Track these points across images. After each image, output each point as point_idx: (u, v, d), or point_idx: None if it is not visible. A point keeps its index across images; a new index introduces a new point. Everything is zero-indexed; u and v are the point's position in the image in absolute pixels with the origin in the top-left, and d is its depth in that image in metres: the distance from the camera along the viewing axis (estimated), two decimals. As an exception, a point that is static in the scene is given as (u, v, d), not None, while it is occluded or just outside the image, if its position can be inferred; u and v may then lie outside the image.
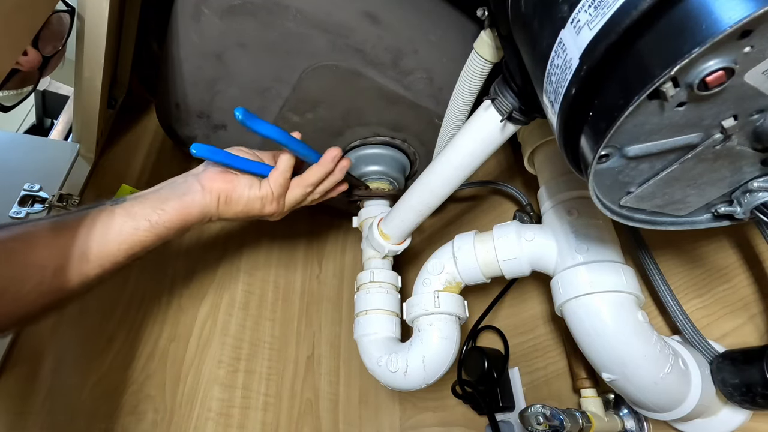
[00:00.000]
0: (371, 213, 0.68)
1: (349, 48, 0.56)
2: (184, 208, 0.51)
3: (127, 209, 0.49)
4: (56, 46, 0.62)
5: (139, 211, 0.49)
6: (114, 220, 0.48)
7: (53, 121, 1.32)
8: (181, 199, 0.51)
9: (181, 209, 0.51)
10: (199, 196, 0.52)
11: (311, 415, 0.78)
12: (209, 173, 0.54)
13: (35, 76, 0.63)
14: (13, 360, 0.57)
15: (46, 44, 0.60)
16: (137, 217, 0.49)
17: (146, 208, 0.49)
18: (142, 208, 0.49)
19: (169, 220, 0.50)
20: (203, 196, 0.52)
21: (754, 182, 0.29)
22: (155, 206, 0.50)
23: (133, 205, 0.49)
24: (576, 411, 0.51)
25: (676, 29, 0.20)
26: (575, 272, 0.45)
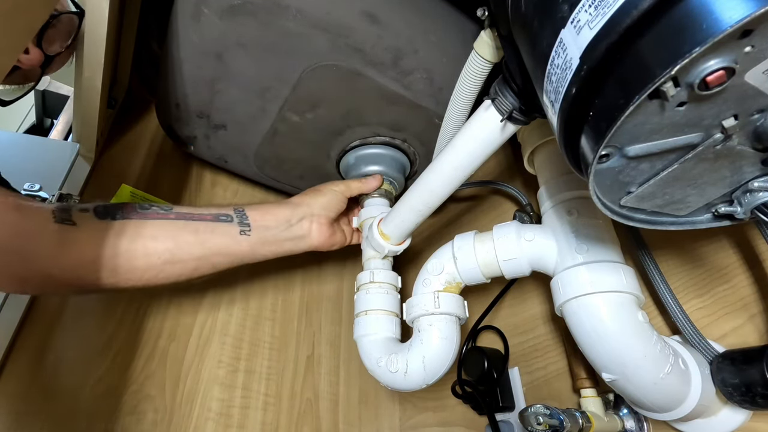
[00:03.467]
0: (371, 213, 0.68)
1: (349, 48, 0.56)
2: (289, 252, 0.61)
3: (252, 245, 0.57)
4: (62, 45, 0.62)
5: (258, 250, 0.58)
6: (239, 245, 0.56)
7: (53, 121, 1.32)
8: (293, 245, 0.61)
9: (287, 253, 0.61)
10: (305, 246, 0.63)
11: (311, 415, 0.77)
12: (323, 230, 0.64)
13: (37, 73, 0.63)
14: (13, 360, 0.57)
15: (51, 43, 0.60)
16: (254, 254, 0.58)
17: (264, 247, 0.58)
18: (260, 247, 0.58)
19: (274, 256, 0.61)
20: (308, 247, 0.63)
21: (754, 182, 0.29)
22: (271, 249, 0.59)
23: (255, 243, 0.57)
24: (576, 411, 0.51)
25: (676, 29, 0.20)
26: (575, 272, 0.45)
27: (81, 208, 0.48)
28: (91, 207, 0.49)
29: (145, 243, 0.49)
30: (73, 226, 0.46)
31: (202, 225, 0.54)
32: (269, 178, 0.80)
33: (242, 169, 0.79)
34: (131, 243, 0.49)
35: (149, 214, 0.52)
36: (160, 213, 0.52)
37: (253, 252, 0.57)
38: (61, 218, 0.46)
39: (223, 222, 0.55)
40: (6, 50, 0.36)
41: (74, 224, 0.46)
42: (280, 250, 0.60)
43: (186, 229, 0.53)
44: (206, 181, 0.86)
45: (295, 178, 0.80)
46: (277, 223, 0.59)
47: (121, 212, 0.50)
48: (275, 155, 0.74)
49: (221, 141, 0.72)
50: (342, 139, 0.70)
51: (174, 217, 0.53)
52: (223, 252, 0.55)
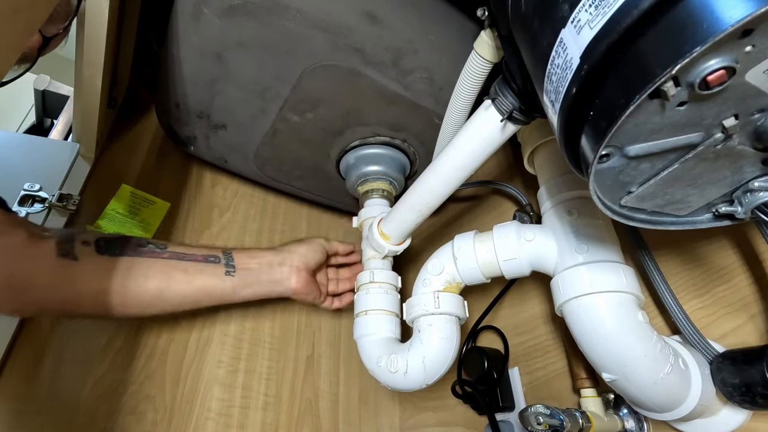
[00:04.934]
0: (371, 213, 0.68)
1: (349, 48, 0.56)
2: (268, 294, 0.65)
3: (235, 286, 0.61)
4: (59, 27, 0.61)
5: (239, 290, 0.61)
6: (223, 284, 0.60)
7: (53, 121, 1.33)
8: (272, 288, 0.64)
9: (266, 295, 0.65)
10: (283, 290, 0.65)
11: (311, 415, 0.77)
12: (302, 277, 0.66)
13: (34, 55, 0.62)
14: (13, 360, 0.57)
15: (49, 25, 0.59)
16: (236, 293, 0.61)
17: (246, 288, 0.62)
18: (242, 288, 0.61)
19: (254, 298, 0.64)
20: (285, 291, 0.66)
21: (754, 182, 0.29)
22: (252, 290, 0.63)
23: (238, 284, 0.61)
24: (576, 411, 0.51)
25: (677, 28, 0.20)
26: (575, 272, 0.45)
27: (83, 240, 0.51)
28: (92, 240, 0.52)
29: (138, 281, 0.53)
30: (75, 261, 0.49)
31: (192, 265, 0.58)
32: (269, 178, 0.80)
33: (242, 169, 0.79)
34: (126, 280, 0.52)
35: (145, 252, 0.55)
36: (156, 252, 0.56)
37: (235, 292, 0.61)
38: (64, 252, 0.49)
39: (211, 263, 0.60)
40: (6, 50, 0.36)
41: (76, 259, 0.50)
42: (260, 291, 0.64)
43: (177, 269, 0.57)
44: (206, 181, 0.86)
45: (295, 178, 0.80)
46: (259, 266, 0.63)
47: (120, 249, 0.54)
48: (275, 155, 0.74)
49: (221, 141, 0.72)
50: (342, 139, 0.70)
51: (167, 257, 0.57)
52: (208, 291, 0.59)
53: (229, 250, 0.63)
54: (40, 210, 0.64)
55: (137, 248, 0.55)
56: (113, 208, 0.72)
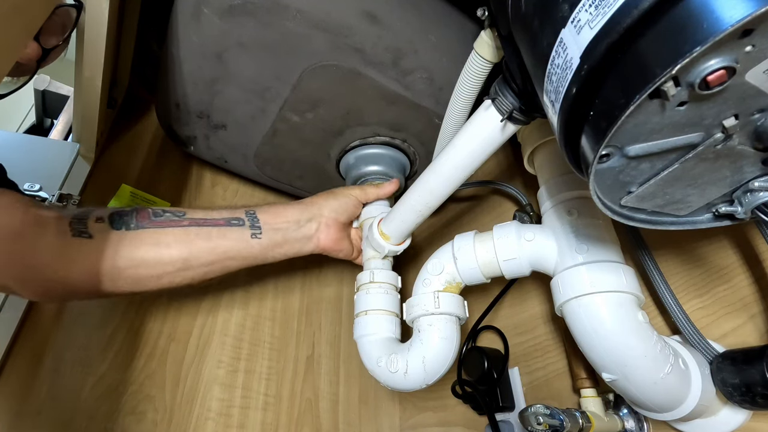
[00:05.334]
0: (371, 213, 0.68)
1: (349, 48, 0.56)
2: (297, 253, 0.62)
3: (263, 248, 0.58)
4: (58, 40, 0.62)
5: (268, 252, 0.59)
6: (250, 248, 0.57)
7: (53, 121, 1.32)
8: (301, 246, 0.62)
9: (296, 254, 0.62)
10: (312, 247, 0.63)
11: (311, 415, 0.77)
12: (331, 234, 0.63)
13: (33, 67, 0.62)
14: (13, 360, 0.57)
15: (48, 37, 0.59)
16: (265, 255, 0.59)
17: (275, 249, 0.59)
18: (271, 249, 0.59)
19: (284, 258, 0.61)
20: (312, 249, 0.63)
21: (754, 182, 0.29)
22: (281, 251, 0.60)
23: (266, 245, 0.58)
24: (576, 411, 0.51)
25: (677, 28, 0.20)
26: (575, 272, 0.45)
27: (97, 216, 0.50)
28: (106, 215, 0.50)
29: (160, 252, 0.51)
30: (90, 239, 0.48)
31: (215, 230, 0.55)
32: (269, 178, 0.80)
33: (242, 169, 0.79)
34: (147, 253, 0.50)
35: (163, 222, 0.53)
36: (174, 220, 0.53)
37: (264, 254, 0.58)
38: (78, 231, 0.47)
39: (234, 226, 0.56)
40: (6, 51, 0.36)
41: (91, 237, 0.48)
42: (290, 250, 0.61)
43: (199, 236, 0.54)
44: (206, 181, 0.86)
45: (295, 178, 0.80)
46: (287, 225, 0.60)
47: (135, 221, 0.51)
48: (275, 155, 0.74)
49: (221, 141, 0.72)
50: (342, 139, 0.70)
51: (188, 224, 0.54)
52: (234, 256, 0.56)
53: (252, 210, 0.60)
54: (40, 210, 0.64)
55: (153, 218, 0.52)
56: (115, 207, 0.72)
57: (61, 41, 0.62)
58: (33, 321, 0.60)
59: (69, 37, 0.62)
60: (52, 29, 0.59)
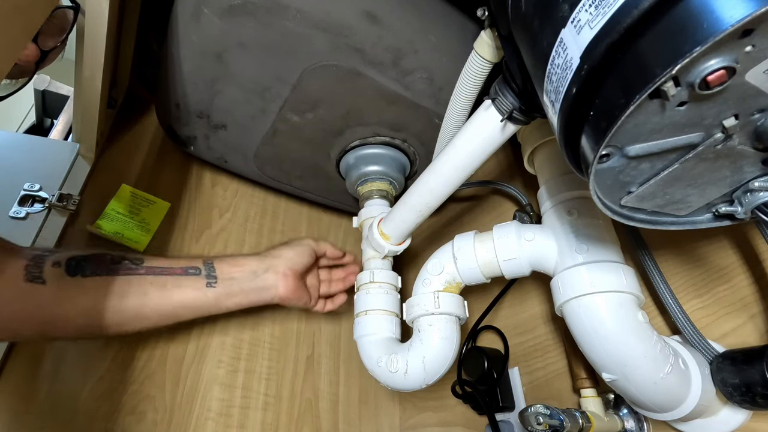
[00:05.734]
0: (371, 213, 0.68)
1: (349, 48, 0.56)
2: (254, 303, 0.62)
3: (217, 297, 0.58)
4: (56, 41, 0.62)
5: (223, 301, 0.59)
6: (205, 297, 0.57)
7: (53, 121, 1.32)
8: (258, 296, 0.62)
9: (251, 304, 0.62)
10: (270, 298, 0.63)
11: (311, 415, 0.77)
12: (289, 283, 0.63)
13: (31, 69, 0.62)
14: (13, 360, 0.57)
15: (46, 39, 0.60)
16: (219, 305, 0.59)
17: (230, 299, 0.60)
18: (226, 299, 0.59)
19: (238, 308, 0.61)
20: (272, 299, 0.63)
21: (754, 182, 0.29)
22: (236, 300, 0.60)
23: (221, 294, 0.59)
24: (576, 411, 0.51)
25: (677, 28, 0.20)
26: (575, 272, 0.45)
27: (54, 261, 0.49)
28: (63, 260, 0.50)
29: (113, 301, 0.51)
30: (43, 285, 0.47)
31: (170, 279, 0.56)
32: (269, 178, 0.80)
33: (242, 169, 0.79)
34: (101, 301, 0.51)
35: (120, 269, 0.53)
36: (131, 268, 0.54)
37: (218, 303, 0.59)
38: (32, 276, 0.47)
39: (191, 275, 0.58)
40: (6, 51, 0.36)
41: (44, 282, 0.48)
42: (245, 300, 0.61)
43: (154, 285, 0.55)
44: (206, 181, 0.86)
45: (295, 178, 0.80)
46: (242, 275, 0.61)
47: (92, 267, 0.51)
48: (275, 155, 0.74)
49: (221, 141, 0.72)
50: (342, 139, 0.70)
51: (144, 272, 0.55)
52: (188, 305, 0.57)
53: (210, 260, 0.61)
54: (40, 210, 0.64)
55: (111, 266, 0.53)
56: (113, 208, 0.72)
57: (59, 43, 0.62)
58: (33, 321, 0.60)
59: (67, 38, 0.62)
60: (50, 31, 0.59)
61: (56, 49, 0.63)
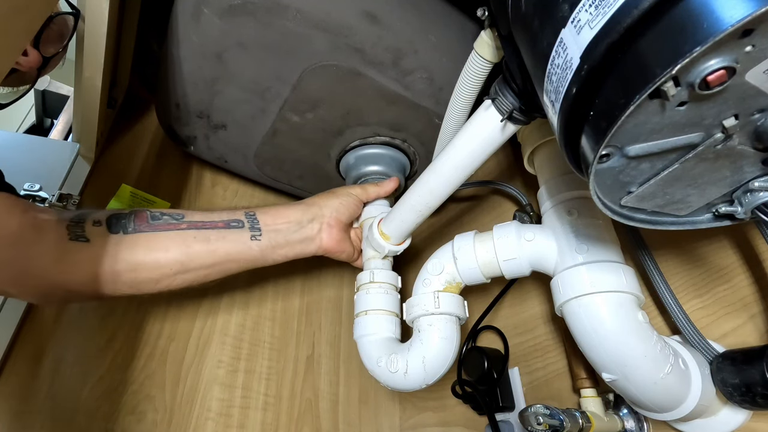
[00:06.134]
0: (371, 213, 0.67)
1: (349, 48, 0.56)
2: (299, 254, 0.61)
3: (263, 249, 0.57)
4: (57, 48, 0.62)
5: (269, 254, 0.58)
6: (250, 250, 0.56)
7: (53, 121, 1.33)
8: (303, 247, 0.61)
9: (297, 255, 0.61)
10: (314, 248, 0.62)
11: (311, 415, 0.77)
12: (333, 235, 0.62)
13: (33, 75, 0.63)
14: (13, 360, 0.57)
15: (48, 45, 0.60)
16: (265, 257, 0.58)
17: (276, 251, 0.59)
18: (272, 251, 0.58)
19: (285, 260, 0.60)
20: (317, 250, 0.62)
21: (755, 182, 0.29)
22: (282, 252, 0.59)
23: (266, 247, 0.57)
24: (576, 411, 0.51)
25: (677, 28, 0.20)
26: (575, 272, 0.45)
27: (94, 219, 0.49)
28: (104, 218, 0.50)
29: (157, 256, 0.50)
30: (87, 243, 0.47)
31: (213, 233, 0.54)
32: (269, 178, 0.80)
33: (242, 169, 0.79)
34: (144, 256, 0.50)
35: (161, 225, 0.52)
36: (172, 223, 0.53)
37: (264, 256, 0.58)
38: (76, 235, 0.47)
39: (234, 228, 0.56)
40: (5, 51, 0.36)
41: (88, 241, 0.48)
42: (291, 252, 0.60)
43: (198, 239, 0.53)
44: (206, 181, 0.86)
45: (295, 178, 0.80)
46: (287, 226, 0.59)
47: (133, 224, 0.51)
48: (275, 155, 0.74)
49: (221, 141, 0.72)
50: (342, 139, 0.70)
51: (186, 227, 0.53)
52: (234, 258, 0.55)
53: (252, 211, 0.59)
54: (40, 210, 0.64)
55: (152, 222, 0.52)
56: (113, 208, 0.72)
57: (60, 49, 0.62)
58: (33, 321, 0.60)
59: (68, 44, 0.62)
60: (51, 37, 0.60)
61: (57, 56, 0.63)
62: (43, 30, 0.57)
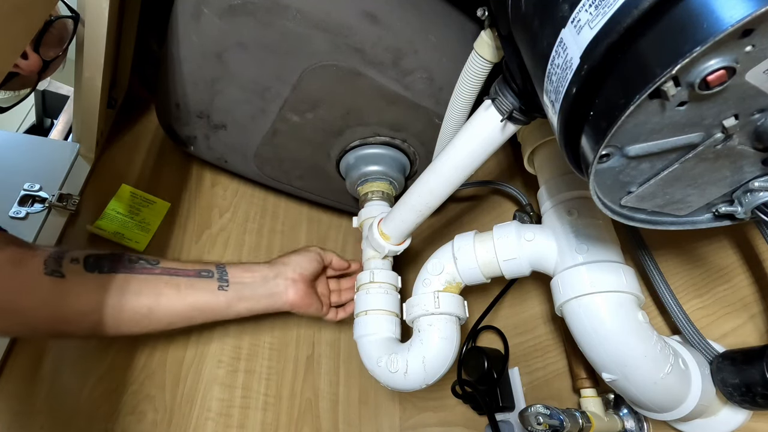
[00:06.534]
0: (371, 213, 0.68)
1: (349, 48, 0.56)
2: (265, 309, 0.63)
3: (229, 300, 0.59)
4: (57, 51, 0.62)
5: (234, 305, 0.60)
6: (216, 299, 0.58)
7: (53, 121, 1.33)
8: (269, 302, 0.63)
9: (263, 310, 0.63)
10: (281, 303, 0.63)
11: (311, 415, 0.77)
12: (299, 289, 0.64)
13: (34, 79, 0.63)
14: (13, 360, 0.57)
15: (48, 49, 0.60)
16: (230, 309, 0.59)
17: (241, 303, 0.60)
18: (237, 302, 0.60)
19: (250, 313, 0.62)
20: (283, 305, 0.64)
21: (754, 182, 0.29)
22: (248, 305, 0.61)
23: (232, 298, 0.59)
24: (576, 411, 0.51)
25: (677, 28, 0.20)
26: (575, 272, 0.45)
27: (72, 257, 0.51)
28: (81, 257, 0.51)
29: (128, 299, 0.52)
30: (62, 278, 0.48)
31: (184, 281, 0.57)
32: (269, 178, 0.80)
33: (242, 169, 0.79)
34: (117, 298, 0.51)
35: (136, 268, 0.54)
36: (147, 267, 0.55)
37: (229, 307, 0.59)
38: (51, 270, 0.48)
39: (204, 278, 0.58)
40: (5, 51, 0.36)
41: (63, 277, 0.49)
42: (257, 306, 0.62)
43: (169, 285, 0.55)
44: (206, 181, 0.86)
45: (295, 178, 0.80)
46: (253, 279, 0.62)
47: (109, 265, 0.53)
48: (275, 155, 0.74)
49: (221, 141, 0.72)
50: (342, 139, 0.70)
51: (159, 272, 0.56)
52: (200, 307, 0.57)
53: (223, 265, 0.62)
54: (40, 210, 0.64)
55: (128, 264, 0.54)
56: (113, 208, 0.72)
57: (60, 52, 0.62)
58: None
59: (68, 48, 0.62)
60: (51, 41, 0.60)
61: (57, 59, 0.63)
62: (43, 34, 0.57)
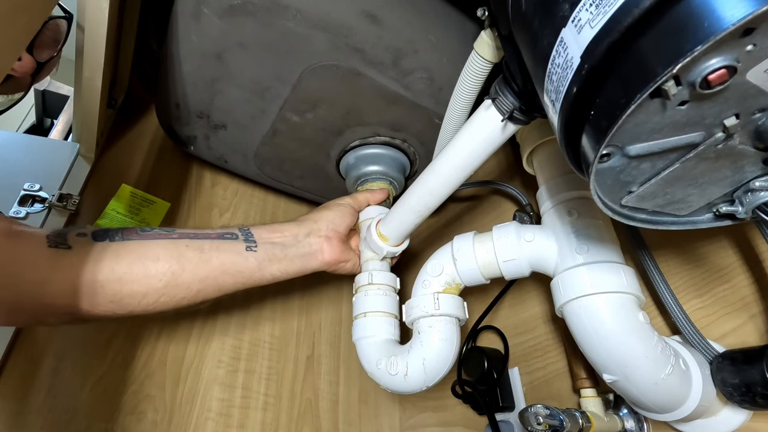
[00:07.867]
0: (369, 214, 0.67)
1: (349, 48, 0.56)
2: (300, 271, 0.58)
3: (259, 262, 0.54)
4: (51, 53, 0.62)
5: (266, 267, 0.55)
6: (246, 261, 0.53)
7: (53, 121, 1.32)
8: (303, 263, 0.58)
9: (298, 272, 0.58)
10: (317, 264, 0.59)
11: (311, 415, 0.77)
12: (334, 246, 0.60)
13: (27, 82, 0.62)
14: (13, 360, 0.57)
15: (41, 50, 0.60)
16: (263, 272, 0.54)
17: (273, 264, 0.55)
18: (269, 264, 0.55)
19: (284, 276, 0.57)
20: (320, 265, 0.60)
21: (755, 181, 0.29)
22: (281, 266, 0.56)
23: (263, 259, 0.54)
24: (576, 411, 0.51)
25: (678, 27, 0.20)
26: (575, 273, 0.45)
27: (78, 232, 0.46)
28: (89, 231, 0.46)
29: (145, 264, 0.46)
30: (68, 249, 0.43)
31: (206, 243, 0.51)
32: (269, 178, 0.80)
33: (242, 169, 0.79)
34: (130, 265, 0.45)
35: (150, 234, 0.49)
36: (162, 233, 0.50)
37: (261, 269, 0.54)
38: (56, 242, 0.43)
39: (228, 239, 0.53)
40: (6, 51, 0.36)
41: (69, 248, 0.43)
42: (291, 267, 0.57)
43: (190, 248, 0.49)
44: (206, 181, 0.86)
45: (295, 178, 0.80)
46: (283, 239, 0.57)
47: (120, 234, 0.47)
48: (275, 155, 0.74)
49: (221, 141, 0.72)
50: (342, 139, 0.70)
51: (177, 237, 0.50)
52: (229, 270, 0.51)
53: (246, 226, 0.56)
54: (40, 210, 0.64)
55: (140, 233, 0.48)
56: (113, 208, 0.72)
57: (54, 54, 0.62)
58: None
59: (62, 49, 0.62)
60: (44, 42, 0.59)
61: (51, 61, 0.63)
62: (37, 35, 0.57)
